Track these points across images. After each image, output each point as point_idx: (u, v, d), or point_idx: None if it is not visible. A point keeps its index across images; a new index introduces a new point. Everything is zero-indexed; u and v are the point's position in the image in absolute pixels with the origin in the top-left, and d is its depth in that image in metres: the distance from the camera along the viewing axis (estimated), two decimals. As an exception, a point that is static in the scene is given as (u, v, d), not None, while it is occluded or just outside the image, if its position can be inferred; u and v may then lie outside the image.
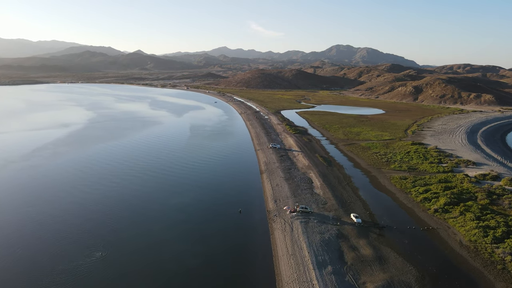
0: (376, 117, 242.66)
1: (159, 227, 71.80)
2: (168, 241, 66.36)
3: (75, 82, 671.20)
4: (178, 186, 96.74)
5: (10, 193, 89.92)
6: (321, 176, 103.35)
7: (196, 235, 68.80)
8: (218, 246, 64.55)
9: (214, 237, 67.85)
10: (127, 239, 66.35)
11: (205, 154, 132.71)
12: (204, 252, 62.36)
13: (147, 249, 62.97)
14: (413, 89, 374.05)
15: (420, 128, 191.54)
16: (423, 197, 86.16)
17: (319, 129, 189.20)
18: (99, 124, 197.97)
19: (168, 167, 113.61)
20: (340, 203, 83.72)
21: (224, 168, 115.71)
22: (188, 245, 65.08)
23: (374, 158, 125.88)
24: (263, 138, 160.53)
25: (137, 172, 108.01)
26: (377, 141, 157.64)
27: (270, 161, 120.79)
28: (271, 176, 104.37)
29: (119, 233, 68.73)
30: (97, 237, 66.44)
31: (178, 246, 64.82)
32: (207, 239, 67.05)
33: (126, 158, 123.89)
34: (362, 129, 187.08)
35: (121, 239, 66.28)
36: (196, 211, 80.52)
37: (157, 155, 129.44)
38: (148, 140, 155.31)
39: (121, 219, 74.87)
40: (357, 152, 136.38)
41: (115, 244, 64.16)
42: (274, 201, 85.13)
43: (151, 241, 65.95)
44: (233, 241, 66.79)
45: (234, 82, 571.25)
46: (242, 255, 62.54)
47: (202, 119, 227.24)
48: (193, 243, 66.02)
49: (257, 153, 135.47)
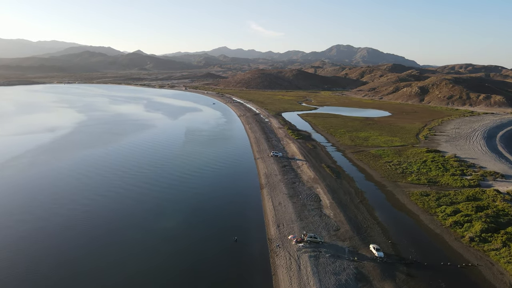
0: (383, 119, 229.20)
1: (134, 263, 58.43)
2: (144, 284, 53.03)
3: (72, 82, 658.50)
4: (165, 205, 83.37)
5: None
6: (330, 192, 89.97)
7: (181, 275, 55.45)
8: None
9: (202, 278, 54.48)
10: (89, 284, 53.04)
11: (199, 164, 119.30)
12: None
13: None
14: (418, 90, 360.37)
15: (432, 132, 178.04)
16: (453, 220, 72.76)
17: (323, 134, 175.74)
18: (88, 128, 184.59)
19: (155, 181, 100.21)
20: (356, 228, 70.34)
21: (219, 181, 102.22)
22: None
23: (387, 169, 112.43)
24: (263, 144, 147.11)
25: (118, 187, 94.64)
26: (388, 147, 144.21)
27: (272, 172, 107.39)
28: (272, 192, 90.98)
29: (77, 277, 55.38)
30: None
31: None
32: (194, 281, 53.69)
33: (108, 169, 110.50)
34: (369, 134, 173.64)
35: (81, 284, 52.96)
36: (183, 238, 67.16)
37: (144, 165, 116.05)
38: (137, 147, 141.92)
39: (87, 256, 61.44)
40: (367, 161, 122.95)
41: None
42: (276, 225, 71.77)
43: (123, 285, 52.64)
44: (225, 285, 53.48)
45: (234, 83, 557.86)
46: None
47: (199, 122, 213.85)
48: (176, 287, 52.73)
49: (256, 162, 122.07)
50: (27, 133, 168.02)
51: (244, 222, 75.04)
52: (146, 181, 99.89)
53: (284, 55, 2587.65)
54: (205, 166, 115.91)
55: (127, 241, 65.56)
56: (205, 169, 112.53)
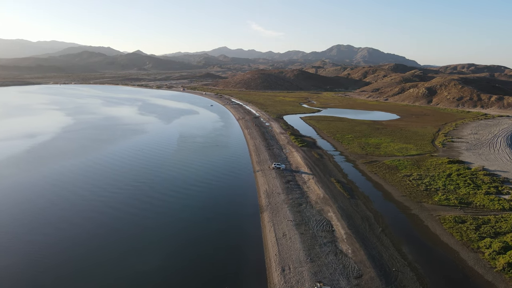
0: (392, 123, 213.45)
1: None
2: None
3: (69, 83, 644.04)
4: (143, 236, 67.66)
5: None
6: (345, 218, 74.23)
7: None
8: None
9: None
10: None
11: (189, 178, 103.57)
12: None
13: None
14: (426, 91, 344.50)
15: (449, 138, 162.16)
16: (506, 262, 56.98)
17: (329, 140, 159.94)
18: (72, 134, 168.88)
19: (137, 201, 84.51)
20: (383, 274, 54.57)
21: (211, 202, 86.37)
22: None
23: (408, 185, 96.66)
24: (263, 153, 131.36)
25: (90, 210, 78.88)
26: (403, 157, 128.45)
27: (273, 190, 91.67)
28: (275, 217, 75.26)
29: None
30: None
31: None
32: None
33: (83, 186, 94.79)
34: (380, 140, 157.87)
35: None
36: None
37: (124, 181, 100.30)
38: (121, 158, 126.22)
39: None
40: (382, 174, 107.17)
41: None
42: (280, 269, 56.06)
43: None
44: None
45: (233, 83, 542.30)
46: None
47: (194, 126, 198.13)
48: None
49: (256, 176, 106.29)
50: (2, 140, 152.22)
51: (239, 262, 59.27)
52: (123, 200, 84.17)
53: (285, 55, 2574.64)
54: (196, 182, 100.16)
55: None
56: (195, 186, 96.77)
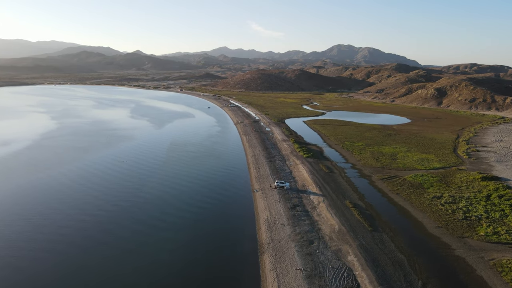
0: (404, 128, 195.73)
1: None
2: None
3: (64, 83, 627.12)
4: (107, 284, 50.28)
5: None
6: (371, 265, 56.67)
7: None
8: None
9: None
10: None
11: (174, 201, 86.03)
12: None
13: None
14: (435, 92, 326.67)
15: (472, 146, 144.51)
16: None
17: (338, 149, 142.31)
18: (50, 142, 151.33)
19: (108, 234, 66.99)
20: None
21: (198, 239, 68.66)
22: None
23: (441, 211, 79.04)
24: (264, 166, 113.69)
25: (49, 244, 61.39)
26: (426, 171, 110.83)
27: (277, 219, 74.10)
28: (279, 263, 57.69)
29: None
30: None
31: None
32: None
33: (45, 210, 77.24)
34: (395, 149, 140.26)
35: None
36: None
37: (100, 203, 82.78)
38: (98, 170, 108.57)
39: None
40: (406, 195, 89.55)
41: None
42: None
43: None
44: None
45: (232, 84, 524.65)
46: None
47: (187, 132, 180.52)
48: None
49: (255, 197, 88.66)
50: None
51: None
52: (91, 237, 66.62)
53: (285, 55, 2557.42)
54: (183, 206, 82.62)
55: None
56: (181, 212, 79.21)
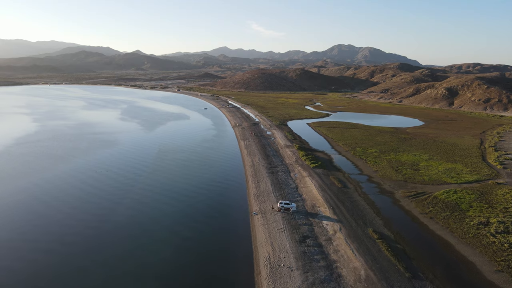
0: (418, 131, 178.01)
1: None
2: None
3: (59, 83, 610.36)
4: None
5: None
6: None
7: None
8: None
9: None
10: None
11: (150, 227, 68.38)
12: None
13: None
14: (446, 92, 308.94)
15: (504, 154, 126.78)
16: None
17: (349, 157, 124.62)
18: (23, 148, 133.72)
19: (64, 268, 49.37)
20: None
21: (178, 284, 51.14)
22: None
23: (493, 245, 61.31)
24: (264, 180, 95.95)
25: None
26: (458, 185, 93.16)
27: (281, 259, 56.36)
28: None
29: None
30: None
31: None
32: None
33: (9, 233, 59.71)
34: (415, 157, 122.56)
35: None
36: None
37: (64, 229, 65.24)
38: (70, 184, 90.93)
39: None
40: (443, 220, 71.73)
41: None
42: None
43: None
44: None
45: (232, 83, 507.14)
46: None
47: (180, 137, 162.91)
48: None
49: (253, 223, 70.89)
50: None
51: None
52: (56, 261, 49.03)
53: (285, 55, 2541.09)
54: (161, 235, 64.96)
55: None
56: (156, 246, 61.55)
